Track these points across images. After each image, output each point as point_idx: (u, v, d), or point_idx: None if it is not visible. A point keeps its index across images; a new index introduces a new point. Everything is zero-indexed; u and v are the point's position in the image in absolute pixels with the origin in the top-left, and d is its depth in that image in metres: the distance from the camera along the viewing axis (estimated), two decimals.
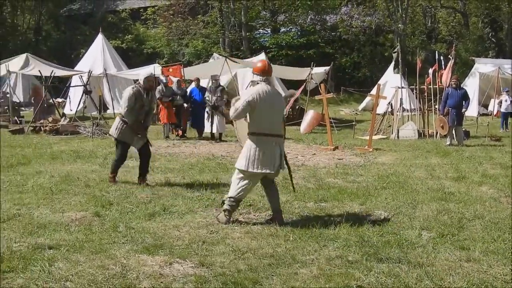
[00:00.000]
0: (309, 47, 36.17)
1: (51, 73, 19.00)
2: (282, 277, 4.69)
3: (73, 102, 22.52)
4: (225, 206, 6.40)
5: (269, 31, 39.92)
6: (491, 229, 6.09)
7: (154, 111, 19.73)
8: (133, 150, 9.08)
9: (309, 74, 20.36)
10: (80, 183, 8.73)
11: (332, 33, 38.56)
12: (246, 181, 6.32)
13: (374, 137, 15.12)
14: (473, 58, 28.72)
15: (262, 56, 26.52)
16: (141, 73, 7.77)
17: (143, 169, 8.75)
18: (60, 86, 25.76)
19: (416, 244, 5.58)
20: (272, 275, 4.74)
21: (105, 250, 5.38)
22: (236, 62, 21.10)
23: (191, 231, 6.07)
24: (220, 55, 27.55)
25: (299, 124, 18.49)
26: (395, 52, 21.10)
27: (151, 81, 8.75)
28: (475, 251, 5.32)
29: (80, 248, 5.43)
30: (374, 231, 5.99)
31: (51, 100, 20.52)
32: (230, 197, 6.39)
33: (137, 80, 9.53)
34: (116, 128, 8.60)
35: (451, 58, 18.29)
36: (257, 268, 4.89)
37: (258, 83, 6.36)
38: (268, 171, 6.21)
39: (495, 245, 5.51)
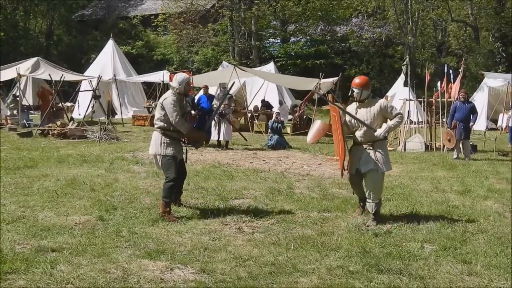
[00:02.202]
0: (318, 58, 36.23)
1: (61, 77, 19.14)
2: (282, 286, 4.70)
3: (82, 106, 22.64)
4: (376, 210, 6.91)
5: (279, 41, 40.03)
6: (494, 244, 6.06)
7: None
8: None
9: (316, 84, 20.38)
10: (86, 187, 8.78)
11: (342, 44, 38.64)
12: None
13: None
14: (483, 72, 28.62)
15: (271, 66, 26.66)
16: (177, 78, 7.20)
17: (181, 190, 7.65)
18: (69, 91, 25.94)
19: (418, 256, 5.57)
20: (273, 283, 4.75)
21: (107, 254, 5.41)
22: (245, 71, 21.19)
23: (194, 237, 6.09)
24: (229, 63, 27.68)
25: (306, 133, 18.46)
26: (404, 65, 21.07)
27: (190, 84, 7.86)
28: (477, 265, 5.30)
29: (82, 251, 5.47)
30: (377, 242, 5.98)
31: (60, 104, 20.65)
32: (379, 199, 6.98)
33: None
34: (162, 144, 7.06)
35: (460, 71, 18.28)
36: (258, 276, 4.90)
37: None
38: None
39: (497, 259, 5.49)
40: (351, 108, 7.29)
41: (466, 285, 4.78)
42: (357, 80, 7.19)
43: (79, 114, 22.01)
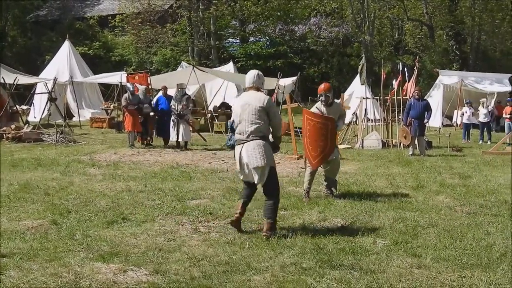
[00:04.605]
0: (278, 57, 36.45)
1: (14, 80, 18.72)
2: (235, 284, 4.73)
3: (38, 109, 22.20)
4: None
5: (238, 41, 40.06)
6: (444, 237, 6.23)
7: (120, 119, 19.75)
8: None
9: (276, 85, 20.49)
10: (39, 191, 8.64)
11: (301, 44, 38.94)
12: None
13: (339, 147, 15.26)
14: (437, 70, 29.29)
15: (230, 66, 26.66)
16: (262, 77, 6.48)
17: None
18: (25, 93, 25.36)
19: (370, 251, 5.68)
20: (226, 282, 4.78)
21: (60, 258, 5.34)
22: (203, 71, 21.14)
23: (148, 239, 6.06)
24: (188, 63, 27.55)
25: None
26: (360, 64, 21.41)
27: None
28: (426, 258, 5.44)
29: (34, 256, 5.38)
30: (330, 239, 6.07)
31: (15, 108, 20.19)
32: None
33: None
34: (271, 154, 6.33)
35: (415, 70, 18.69)
36: (212, 275, 4.92)
37: None
38: None
39: (446, 252, 5.65)
40: (321, 109, 8.53)
41: (415, 278, 4.90)
42: (325, 86, 8.63)
43: (35, 117, 21.57)
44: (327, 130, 8.23)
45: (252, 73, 6.42)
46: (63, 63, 25.63)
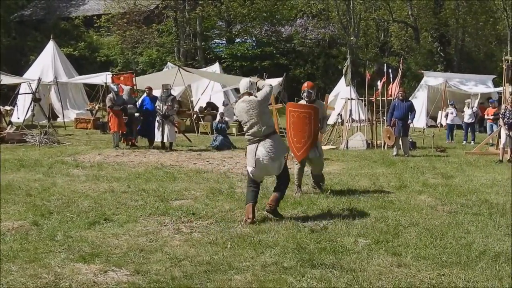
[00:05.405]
0: (264, 58, 36.48)
1: None
2: (216, 284, 4.74)
3: (22, 110, 22.03)
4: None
5: (225, 42, 40.04)
6: (425, 236, 6.28)
7: (105, 119, 19.64)
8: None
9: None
10: (21, 192, 8.58)
11: (287, 45, 39.01)
12: None
13: (324, 147, 15.33)
14: (422, 71, 29.52)
15: (216, 66, 26.64)
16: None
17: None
18: (8, 94, 25.14)
19: (351, 250, 5.71)
20: (207, 282, 4.78)
21: (40, 259, 5.31)
22: (189, 71, 21.12)
23: (130, 239, 6.05)
24: (174, 64, 27.49)
25: None
26: (345, 65, 21.50)
27: None
28: (406, 257, 5.49)
29: (13, 257, 5.35)
30: (312, 238, 6.10)
31: None
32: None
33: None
34: (280, 145, 7.15)
35: (399, 71, 18.80)
36: (192, 275, 4.92)
37: None
38: None
39: (426, 251, 5.70)
40: None
41: (394, 276, 4.94)
42: (308, 84, 9.08)
43: (18, 118, 21.42)
44: (310, 119, 8.48)
45: (246, 81, 7.21)
46: (47, 64, 25.43)
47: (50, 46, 26.11)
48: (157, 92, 16.07)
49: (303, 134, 8.51)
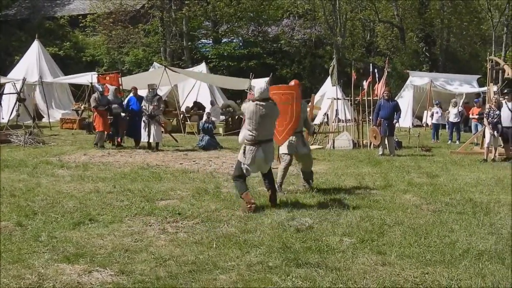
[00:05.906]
0: (251, 58, 36.44)
1: None
2: (201, 283, 4.73)
3: (6, 110, 21.80)
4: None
5: (211, 42, 39.96)
6: (409, 235, 6.33)
7: (90, 120, 19.52)
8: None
9: (249, 85, 20.51)
10: (5, 192, 8.51)
11: (274, 45, 39.02)
12: None
13: (311, 147, 15.36)
14: (407, 71, 29.70)
15: (202, 66, 26.59)
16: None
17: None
18: None
19: (336, 249, 5.74)
20: (192, 282, 4.78)
21: (23, 260, 5.27)
22: (175, 71, 21.06)
23: (115, 239, 6.02)
24: (160, 64, 27.39)
25: (237, 134, 18.55)
26: (331, 65, 21.56)
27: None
28: (391, 255, 5.52)
29: None
30: (298, 238, 6.12)
31: None
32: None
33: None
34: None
35: (385, 71, 18.91)
36: (177, 275, 4.91)
37: None
38: None
39: (410, 249, 5.74)
40: None
41: (379, 275, 4.97)
42: (295, 82, 9.35)
43: (3, 118, 21.18)
44: (292, 101, 8.71)
45: (263, 86, 7.79)
46: (32, 63, 25.22)
47: (35, 46, 25.90)
48: (143, 92, 16.00)
49: (284, 116, 8.55)
